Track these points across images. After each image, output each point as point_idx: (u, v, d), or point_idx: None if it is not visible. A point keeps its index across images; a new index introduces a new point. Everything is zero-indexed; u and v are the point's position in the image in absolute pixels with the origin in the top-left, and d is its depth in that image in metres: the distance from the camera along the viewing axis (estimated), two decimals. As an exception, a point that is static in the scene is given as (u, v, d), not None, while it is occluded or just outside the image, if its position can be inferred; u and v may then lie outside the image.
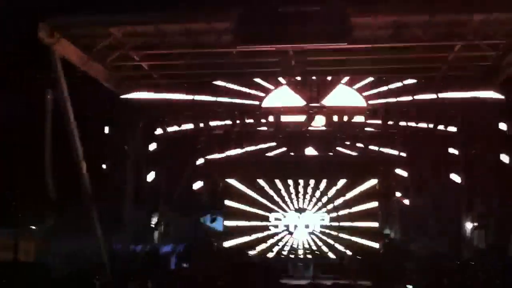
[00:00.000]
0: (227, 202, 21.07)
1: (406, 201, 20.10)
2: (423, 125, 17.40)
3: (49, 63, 13.68)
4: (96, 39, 14.44)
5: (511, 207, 14.53)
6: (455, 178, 18.26)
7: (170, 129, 17.98)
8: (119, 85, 16.88)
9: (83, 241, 15.14)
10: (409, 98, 16.96)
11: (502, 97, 15.63)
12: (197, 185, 20.54)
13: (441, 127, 17.32)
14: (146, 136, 18.35)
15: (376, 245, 20.32)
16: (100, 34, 14.26)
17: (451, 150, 18.21)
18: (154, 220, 19.71)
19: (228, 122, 17.87)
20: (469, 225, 18.82)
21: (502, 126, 16.00)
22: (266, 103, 17.79)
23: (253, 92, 17.96)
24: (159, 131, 18.16)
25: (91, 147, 15.73)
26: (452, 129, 17.51)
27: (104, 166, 17.21)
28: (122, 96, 16.86)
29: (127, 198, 18.32)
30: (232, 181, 21.09)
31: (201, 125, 17.70)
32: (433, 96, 16.64)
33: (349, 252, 20.06)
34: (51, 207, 14.41)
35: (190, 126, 17.87)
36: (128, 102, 17.01)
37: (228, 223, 21.08)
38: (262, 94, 17.89)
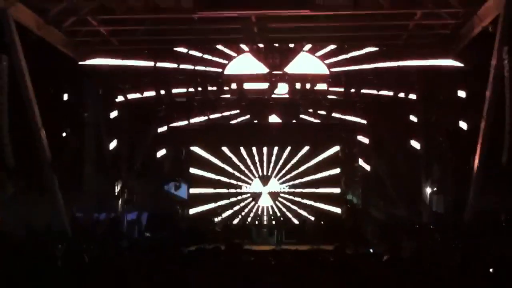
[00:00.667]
0: (192, 170, 21.10)
1: (368, 167, 20.47)
2: (384, 92, 17.57)
3: (3, 27, 13.22)
4: (52, 2, 13.98)
5: (468, 172, 14.89)
6: (415, 144, 18.60)
7: (131, 96, 17.67)
8: (77, 51, 16.44)
9: (44, 210, 14.99)
10: (371, 65, 17.06)
11: (461, 65, 15.85)
12: (160, 153, 20.43)
13: (401, 94, 17.52)
14: (107, 103, 18.03)
15: (338, 210, 20.74)
16: (56, -3, 13.83)
17: (411, 117, 18.50)
18: (117, 188, 19.56)
19: (191, 89, 17.67)
20: (428, 190, 19.29)
21: (461, 93, 16.28)
22: (228, 71, 17.64)
23: (215, 59, 17.76)
24: (119, 98, 17.83)
25: (50, 114, 15.43)
26: (413, 96, 17.74)
27: (64, 134, 16.87)
28: (81, 63, 16.46)
29: (88, 166, 18.10)
30: (196, 149, 21.07)
31: (163, 92, 17.43)
32: (394, 64, 16.78)
33: (312, 218, 20.44)
34: (9, 175, 14.14)
35: (151, 93, 17.59)
36: (87, 68, 16.63)
37: (193, 190, 21.14)
38: (224, 61, 17.72)
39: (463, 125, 16.43)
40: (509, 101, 12.72)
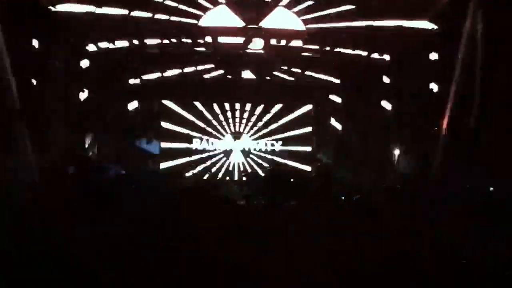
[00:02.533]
0: (163, 124, 20.95)
1: (340, 127, 20.67)
2: (358, 52, 17.61)
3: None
4: None
5: (436, 134, 15.18)
6: (387, 105, 18.80)
7: (103, 45, 17.31)
8: (48, -3, 15.94)
9: (13, 162, 14.73)
10: (347, 24, 17.01)
11: (435, 27, 15.94)
12: (132, 105, 20.20)
13: (375, 55, 17.59)
14: (78, 52, 17.64)
15: (308, 168, 20.98)
16: None
17: (384, 79, 18.63)
18: (87, 141, 19.35)
19: (165, 41, 17.38)
20: (396, 153, 19.62)
21: (433, 56, 16.42)
22: (203, 23, 17.37)
23: (190, 10, 17.42)
24: (91, 47, 17.45)
25: (19, 62, 15.04)
26: (386, 57, 17.84)
27: (33, 82, 16.48)
28: (52, 9, 15.97)
29: (58, 117, 17.79)
30: (168, 103, 20.89)
31: (136, 43, 17.11)
32: (370, 23, 16.75)
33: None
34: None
35: (124, 43, 17.24)
36: (58, 15, 16.15)
37: (164, 145, 21.06)
38: (199, 13, 17.41)
39: (434, 88, 16.64)
40: (479, 65, 12.92)
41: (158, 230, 5.23)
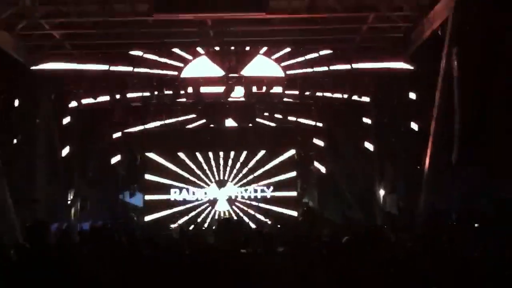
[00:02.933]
0: (147, 176, 20.80)
1: (324, 170, 20.74)
2: (338, 95, 17.91)
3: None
4: (3, 6, 13.61)
5: (419, 172, 15.32)
6: (369, 146, 19.00)
7: (84, 101, 17.33)
8: (29, 56, 16.03)
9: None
10: (325, 68, 17.37)
11: (412, 67, 16.35)
12: (115, 159, 20.07)
13: (355, 97, 17.89)
14: (59, 109, 17.62)
15: (295, 213, 20.88)
16: (8, 0, 13.47)
17: (365, 119, 18.90)
18: (69, 197, 19.09)
19: (146, 93, 17.50)
20: (381, 192, 19.70)
21: (412, 95, 16.75)
22: (184, 74, 17.58)
23: (171, 62, 17.66)
24: (73, 103, 17.46)
25: (1, 120, 14.99)
26: (366, 99, 18.15)
27: (15, 141, 16.36)
28: (32, 67, 16.05)
29: (40, 173, 17.60)
30: (151, 155, 20.81)
31: (118, 96, 17.18)
32: (348, 66, 17.14)
33: (269, 222, 20.48)
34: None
35: (106, 98, 17.30)
36: (39, 73, 16.22)
37: (148, 197, 20.84)
38: (180, 65, 17.64)
39: (414, 126, 16.90)
40: (458, 102, 13.20)
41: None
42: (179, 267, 5.81)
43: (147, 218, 20.64)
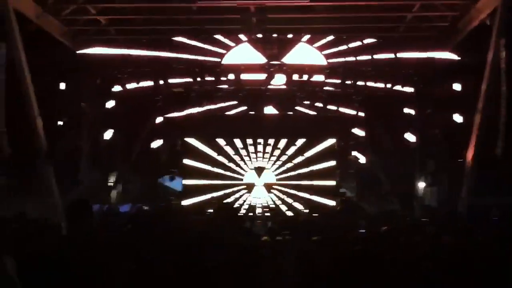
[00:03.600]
0: (186, 161, 21.01)
1: (363, 160, 20.54)
2: (380, 85, 17.65)
3: (2, 15, 13.16)
4: (50, -9, 13.97)
5: (461, 165, 15.02)
6: (410, 137, 18.71)
7: (128, 86, 17.62)
8: (75, 40, 16.40)
9: (39, 202, 14.84)
10: (368, 57, 17.14)
11: (458, 58, 15.98)
12: (156, 144, 20.37)
13: (398, 87, 17.60)
14: (104, 93, 17.97)
15: (332, 203, 20.77)
16: (55, -15, 13.80)
17: (407, 110, 18.60)
18: (111, 180, 19.51)
19: (188, 79, 17.66)
20: (421, 184, 19.42)
21: (456, 86, 16.39)
22: (226, 61, 17.64)
23: (213, 49, 17.74)
24: (116, 88, 17.77)
25: (47, 103, 15.37)
26: (409, 89, 17.83)
27: (60, 123, 16.81)
28: (78, 51, 16.41)
29: (84, 156, 18.06)
30: (191, 140, 20.99)
31: (160, 82, 17.41)
32: (391, 56, 16.87)
33: (306, 210, 20.47)
34: (4, 167, 14.08)
35: (149, 83, 17.55)
36: (84, 57, 16.57)
37: (187, 182, 21.08)
38: (222, 51, 17.70)
39: (458, 118, 16.56)
40: (504, 95, 12.86)
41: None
42: (215, 252, 5.89)
43: (185, 202, 20.90)
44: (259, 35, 17.28)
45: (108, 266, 4.91)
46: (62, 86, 16.47)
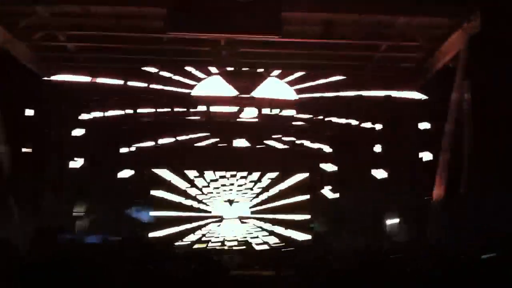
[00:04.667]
0: (154, 192, 20.76)
1: (334, 196, 20.54)
2: (350, 121, 17.83)
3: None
4: (20, 16, 13.89)
5: (427, 201, 15.15)
6: (379, 173, 18.83)
7: (96, 114, 17.48)
8: (43, 67, 16.29)
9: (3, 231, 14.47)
10: (337, 94, 17.35)
11: (424, 97, 16.26)
12: (124, 174, 20.11)
13: (367, 124, 17.79)
14: (71, 121, 17.79)
15: (304, 237, 20.62)
16: (25, 11, 13.73)
17: (376, 147, 18.77)
18: (77, 209, 19.14)
19: (158, 109, 17.60)
20: (389, 221, 19.44)
21: (424, 125, 16.63)
22: (196, 92, 17.67)
23: (184, 80, 17.78)
24: (84, 116, 17.61)
25: (13, 130, 15.16)
26: (378, 126, 18.04)
27: (26, 150, 16.52)
28: (46, 78, 16.28)
29: (49, 185, 17.73)
30: (160, 171, 20.80)
31: (130, 111, 17.31)
32: (360, 93, 17.10)
33: (278, 244, 20.27)
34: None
35: (118, 112, 17.43)
36: (52, 84, 16.44)
37: (156, 213, 20.79)
38: (193, 83, 17.75)
39: (425, 155, 16.74)
40: (468, 134, 13.09)
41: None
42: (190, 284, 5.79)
43: (152, 234, 20.56)
44: (230, 68, 17.39)
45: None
46: (29, 112, 16.23)
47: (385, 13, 13.60)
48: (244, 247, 19.95)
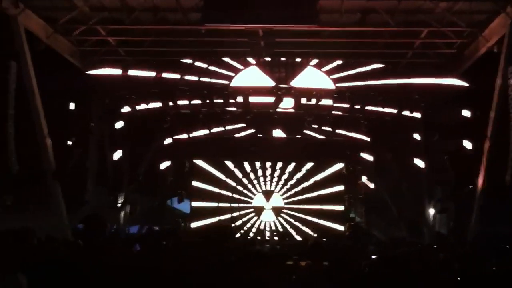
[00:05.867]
0: (194, 183, 20.99)
1: (371, 185, 20.36)
2: (388, 110, 17.56)
3: (12, 34, 13.40)
4: (61, 11, 14.19)
5: (471, 192, 14.83)
6: (418, 163, 18.53)
7: (137, 107, 17.73)
8: (84, 61, 16.62)
9: (45, 220, 14.86)
10: (376, 82, 17.10)
11: (466, 84, 15.88)
12: (164, 165, 20.37)
13: (406, 112, 17.49)
14: (112, 113, 18.09)
15: (341, 228, 20.57)
16: (66, 6, 14.01)
17: (415, 135, 18.46)
18: (119, 200, 19.52)
19: (196, 101, 17.72)
20: (431, 211, 19.16)
21: (465, 113, 16.26)
22: (234, 83, 17.71)
23: (221, 71, 17.84)
24: (125, 109, 17.89)
25: (56, 123, 15.52)
26: (417, 114, 17.72)
27: (68, 143, 16.92)
28: (87, 72, 16.60)
29: (92, 176, 18.12)
30: (199, 162, 21.00)
31: (169, 104, 17.49)
32: (399, 81, 16.81)
33: (314, 234, 20.26)
34: (12, 184, 14.17)
35: (157, 104, 17.64)
36: (93, 78, 16.75)
37: (195, 204, 21.03)
38: (230, 74, 17.80)
39: (467, 144, 16.38)
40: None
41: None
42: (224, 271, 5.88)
43: (194, 224, 20.83)
44: (268, 59, 17.35)
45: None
46: (71, 106, 16.59)
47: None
48: (282, 237, 20.01)
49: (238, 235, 20.47)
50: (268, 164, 21.06)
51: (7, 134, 13.00)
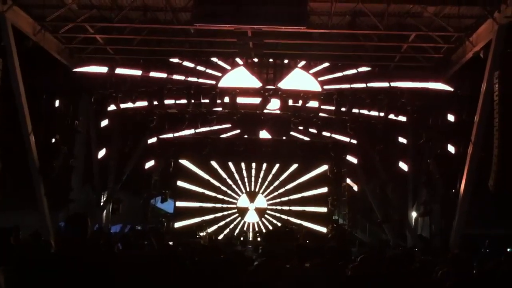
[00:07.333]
0: (179, 183, 20.89)
1: (356, 187, 20.46)
2: (374, 113, 17.66)
3: (-1, 31, 13.25)
4: (49, 8, 14.03)
5: (454, 196, 14.98)
6: (403, 166, 18.68)
7: (123, 105, 17.59)
8: (71, 58, 16.46)
9: (27, 218, 14.68)
10: (363, 85, 17.21)
11: (451, 89, 16.06)
12: (149, 164, 20.24)
13: (392, 116, 17.61)
14: (98, 111, 17.95)
15: (324, 229, 20.61)
16: (54, 4, 13.87)
17: (401, 139, 18.61)
18: (102, 199, 19.36)
19: (183, 101, 17.64)
20: (414, 214, 19.33)
21: (450, 117, 16.43)
22: (222, 83, 17.69)
23: (209, 71, 17.80)
24: (111, 107, 17.74)
25: (41, 120, 15.35)
26: (403, 118, 17.86)
27: (53, 141, 16.72)
28: (74, 70, 16.44)
29: (77, 175, 17.94)
30: (184, 162, 20.92)
31: (155, 103, 17.39)
32: (386, 84, 16.94)
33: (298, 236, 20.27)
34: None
35: (143, 103, 17.52)
36: (80, 75, 16.60)
37: (179, 204, 20.93)
38: (218, 74, 17.77)
39: (451, 149, 16.55)
40: (498, 126, 12.88)
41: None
42: (208, 271, 5.84)
43: (177, 224, 20.73)
44: (255, 59, 17.36)
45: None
46: (57, 103, 16.41)
47: (413, 2, 13.44)
48: (266, 237, 19.97)
49: (221, 236, 20.44)
50: (253, 165, 21.06)
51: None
